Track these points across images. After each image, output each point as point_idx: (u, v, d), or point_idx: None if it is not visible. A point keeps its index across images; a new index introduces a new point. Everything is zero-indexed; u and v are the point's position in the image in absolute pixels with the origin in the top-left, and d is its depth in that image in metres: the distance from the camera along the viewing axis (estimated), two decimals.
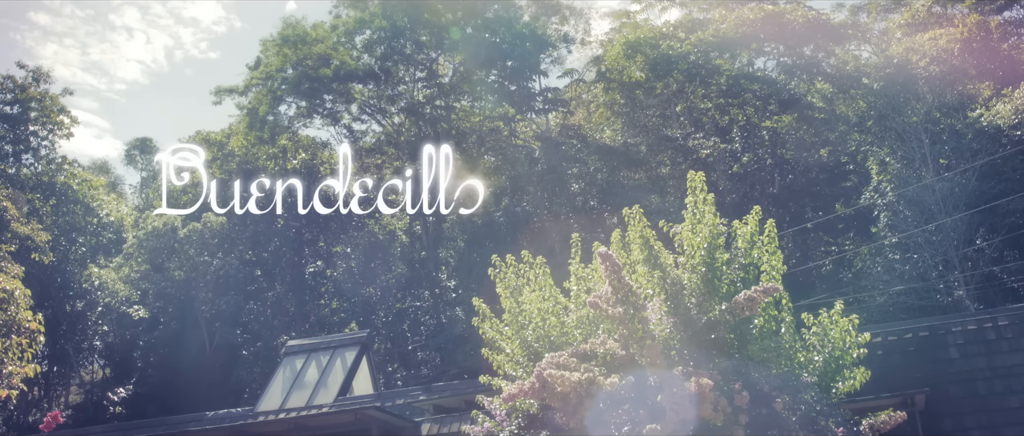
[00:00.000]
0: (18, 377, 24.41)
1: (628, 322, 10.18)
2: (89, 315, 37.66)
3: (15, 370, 24.39)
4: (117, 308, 36.93)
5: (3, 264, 27.91)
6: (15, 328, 23.82)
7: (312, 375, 18.06)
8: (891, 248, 25.93)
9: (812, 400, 10.78)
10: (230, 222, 35.10)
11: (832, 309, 11.37)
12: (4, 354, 23.75)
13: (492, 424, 11.31)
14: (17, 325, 23.84)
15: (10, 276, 25.71)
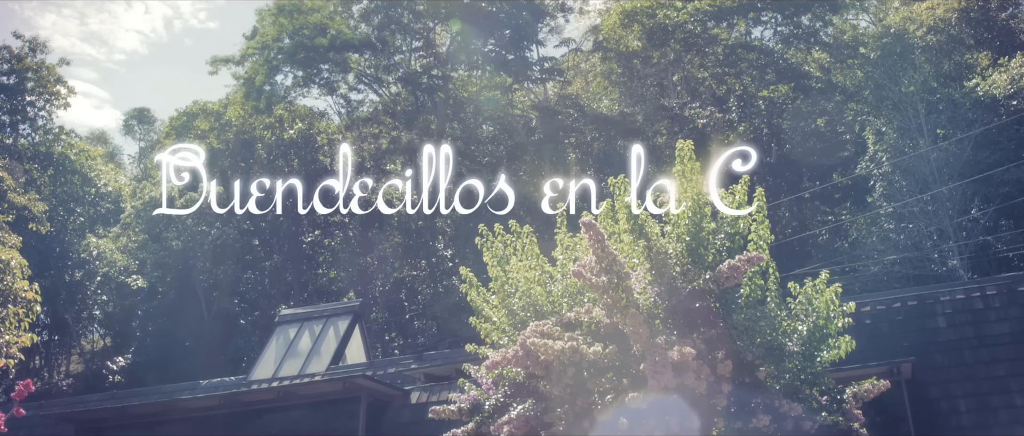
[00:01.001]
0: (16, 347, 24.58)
1: (612, 291, 10.22)
2: (88, 285, 37.78)
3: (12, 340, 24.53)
4: (116, 278, 37.06)
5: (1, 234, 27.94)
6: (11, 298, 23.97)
7: (305, 344, 18.15)
8: (886, 218, 25.96)
9: (796, 369, 10.85)
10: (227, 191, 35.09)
11: (817, 278, 11.41)
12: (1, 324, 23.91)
13: (478, 392, 11.39)
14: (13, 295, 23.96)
15: (7, 246, 25.80)
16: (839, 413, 10.78)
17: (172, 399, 14.61)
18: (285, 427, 14.47)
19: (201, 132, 37.53)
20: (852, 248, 28.24)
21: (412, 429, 13.82)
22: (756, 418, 9.86)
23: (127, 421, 15.04)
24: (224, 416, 14.60)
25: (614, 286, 10.23)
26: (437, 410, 11.18)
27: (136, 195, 37.90)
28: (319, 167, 35.72)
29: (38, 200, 32.28)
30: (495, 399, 11.07)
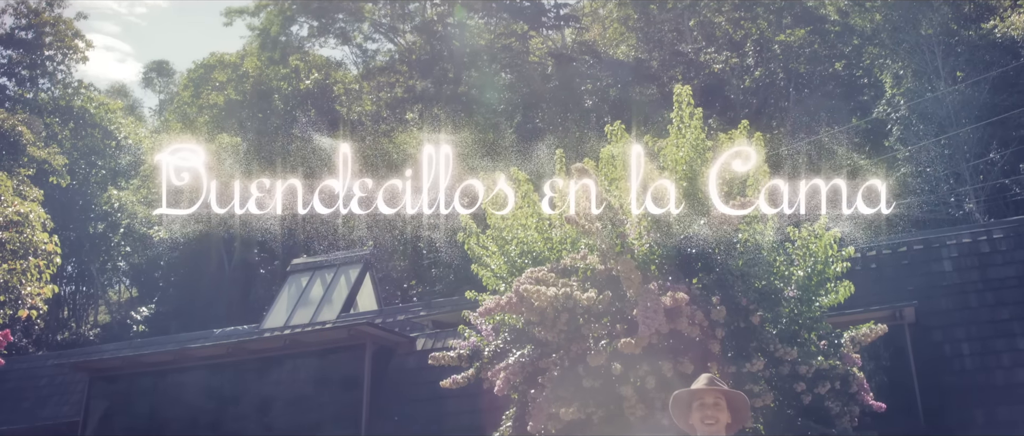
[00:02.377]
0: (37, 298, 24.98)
1: (606, 237, 10.26)
2: (112, 236, 38.20)
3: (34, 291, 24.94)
4: (138, 230, 37.44)
5: (22, 188, 28.28)
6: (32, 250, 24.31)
7: (317, 293, 18.34)
8: (903, 162, 25.74)
9: (793, 313, 10.88)
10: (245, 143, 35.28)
11: (817, 222, 11.38)
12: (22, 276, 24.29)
13: (478, 339, 11.48)
14: (34, 247, 24.31)
15: (29, 200, 26.12)
16: (836, 357, 10.79)
17: (182, 348, 14.85)
18: (293, 374, 14.68)
19: (219, 84, 37.63)
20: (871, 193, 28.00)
21: (417, 375, 13.99)
22: (751, 362, 9.90)
23: (139, 369, 15.31)
24: (233, 364, 14.83)
25: (608, 232, 10.28)
26: (436, 356, 11.30)
27: (156, 147, 38.12)
28: (336, 117, 35.76)
29: (58, 154, 32.55)
30: (494, 345, 11.16)
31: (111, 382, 15.56)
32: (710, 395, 4.68)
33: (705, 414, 4.64)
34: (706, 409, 4.66)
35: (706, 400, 4.67)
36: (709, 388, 4.71)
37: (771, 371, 10.39)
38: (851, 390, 10.90)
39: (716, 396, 4.68)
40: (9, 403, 19.19)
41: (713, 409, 4.65)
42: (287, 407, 14.47)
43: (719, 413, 4.65)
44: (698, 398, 4.69)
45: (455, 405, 13.60)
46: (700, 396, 4.68)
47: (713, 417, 4.63)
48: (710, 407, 4.66)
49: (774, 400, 10.55)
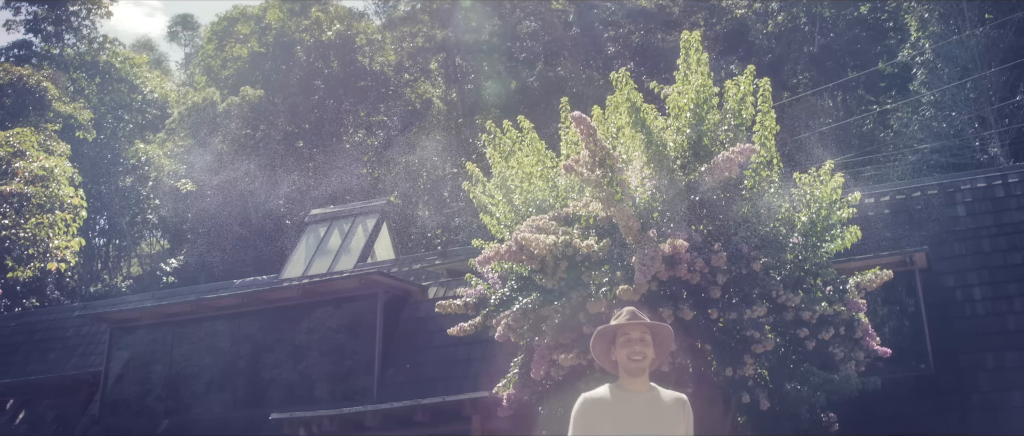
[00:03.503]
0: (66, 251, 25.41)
1: (606, 185, 10.27)
2: (140, 190, 38.65)
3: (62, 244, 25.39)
4: (166, 182, 37.84)
5: (49, 143, 28.65)
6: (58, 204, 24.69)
7: (334, 242, 18.50)
8: (927, 106, 25.42)
9: (798, 260, 10.85)
10: (268, 95, 35.42)
11: (822, 167, 11.31)
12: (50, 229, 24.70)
13: (485, 287, 11.56)
14: (60, 201, 24.70)
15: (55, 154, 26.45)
16: (841, 303, 10.77)
17: (199, 299, 15.07)
18: (307, 323, 14.86)
19: (242, 37, 37.71)
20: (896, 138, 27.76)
21: (429, 323, 14.13)
22: (751, 309, 9.92)
23: (158, 320, 15.57)
24: (249, 314, 15.04)
25: (608, 180, 10.28)
26: (443, 305, 11.40)
27: (181, 101, 38.39)
28: (358, 68, 35.77)
29: (84, 108, 32.88)
30: (500, 293, 11.24)
31: (131, 333, 15.85)
32: (636, 330, 4.38)
33: (632, 350, 4.36)
34: (633, 344, 4.38)
35: (632, 335, 4.38)
36: (635, 322, 4.40)
37: (774, 317, 10.40)
38: (856, 335, 10.90)
39: (642, 331, 4.40)
40: (37, 353, 19.62)
41: (640, 344, 4.38)
42: (302, 355, 14.69)
43: (646, 348, 4.39)
44: (623, 333, 4.39)
45: (466, 352, 13.75)
46: (625, 331, 4.39)
47: (640, 352, 4.36)
48: (637, 343, 4.38)
49: (779, 346, 10.60)
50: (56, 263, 24.76)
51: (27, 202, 22.64)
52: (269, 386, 14.76)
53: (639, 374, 4.35)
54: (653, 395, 4.39)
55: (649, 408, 4.30)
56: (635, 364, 4.33)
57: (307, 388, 14.44)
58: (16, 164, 22.62)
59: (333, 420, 11.75)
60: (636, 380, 4.36)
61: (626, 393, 4.33)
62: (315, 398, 14.00)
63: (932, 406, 12.49)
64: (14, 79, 30.06)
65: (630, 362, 4.34)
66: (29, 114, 29.72)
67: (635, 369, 4.34)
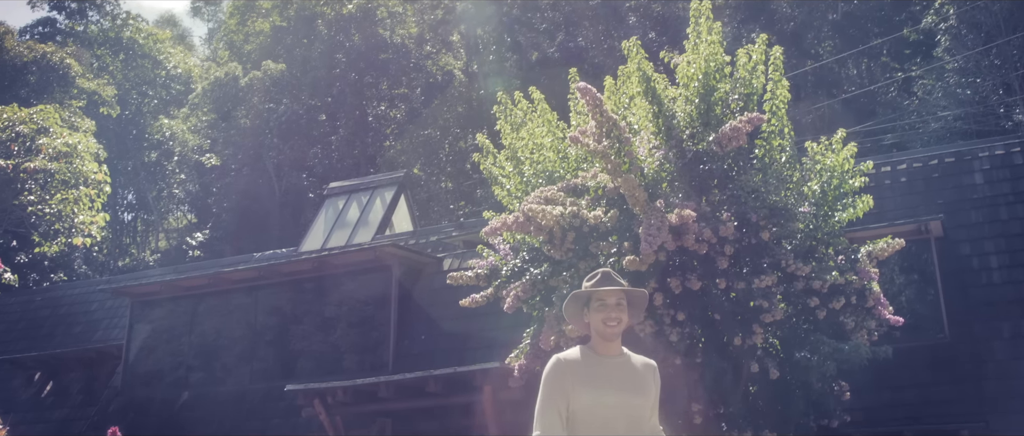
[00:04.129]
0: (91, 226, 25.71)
1: (613, 156, 10.26)
2: (166, 165, 38.99)
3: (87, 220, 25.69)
4: (191, 157, 38.13)
5: (74, 119, 28.93)
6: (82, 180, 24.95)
7: (353, 214, 18.60)
8: (951, 72, 25.11)
9: (809, 229, 10.81)
10: (290, 69, 35.52)
11: (833, 136, 11.24)
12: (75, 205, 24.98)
13: (496, 258, 11.59)
14: (84, 177, 24.97)
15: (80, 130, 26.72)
16: (853, 272, 10.71)
17: (216, 272, 15.24)
18: (323, 296, 14.99)
19: (264, 11, 37.80)
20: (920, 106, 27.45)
21: (444, 295, 14.18)
22: (759, 278, 9.90)
23: (176, 293, 15.76)
24: (266, 287, 15.19)
25: (615, 151, 10.27)
26: (454, 276, 11.45)
27: (204, 76, 38.59)
28: (379, 41, 35.76)
29: (108, 84, 33.12)
30: (512, 264, 11.27)
31: (152, 306, 16.06)
32: (612, 295, 4.26)
33: (607, 315, 4.24)
34: (608, 310, 4.25)
35: (609, 300, 4.25)
36: (613, 288, 4.27)
37: (785, 287, 10.38)
38: (867, 305, 10.83)
39: (618, 296, 4.27)
40: (63, 327, 19.92)
41: (615, 310, 4.26)
42: (318, 328, 14.83)
43: (621, 313, 4.27)
44: (599, 298, 4.27)
45: (481, 323, 13.82)
46: (601, 296, 4.27)
47: (616, 318, 4.25)
48: (613, 308, 4.26)
49: (790, 316, 10.59)
50: (82, 238, 25.11)
51: (51, 178, 22.93)
52: (286, 358, 14.93)
53: (613, 339, 4.29)
54: (625, 360, 4.32)
55: (621, 372, 4.24)
56: (610, 330, 4.25)
57: (323, 360, 14.58)
58: (40, 141, 22.88)
59: (346, 391, 11.88)
60: (609, 344, 4.29)
61: (599, 357, 4.26)
62: (331, 369, 14.13)
63: (947, 375, 12.46)
64: (38, 57, 30.34)
65: (605, 327, 4.25)
66: (54, 91, 30.00)
67: (610, 335, 4.26)
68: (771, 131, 10.85)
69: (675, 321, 10.11)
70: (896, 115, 26.99)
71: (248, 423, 14.31)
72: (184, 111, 37.33)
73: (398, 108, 37.65)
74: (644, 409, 4.24)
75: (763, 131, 10.82)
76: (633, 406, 4.19)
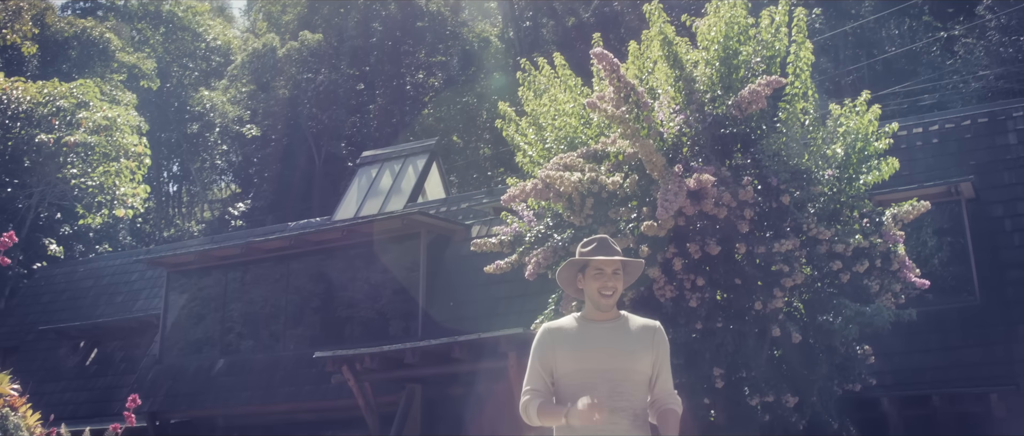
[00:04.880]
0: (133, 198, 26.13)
1: (631, 122, 10.23)
2: (208, 136, 39.43)
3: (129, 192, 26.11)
4: (231, 128, 38.53)
5: (115, 93, 29.35)
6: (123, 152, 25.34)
7: (385, 183, 18.72)
8: (993, 30, 24.58)
9: (832, 193, 10.72)
10: (327, 39, 35.68)
11: (858, 98, 11.12)
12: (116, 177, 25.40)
13: (520, 225, 11.63)
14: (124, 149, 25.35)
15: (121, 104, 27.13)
16: (877, 235, 10.62)
17: (248, 242, 15.43)
18: (353, 264, 15.14)
19: None
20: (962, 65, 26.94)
21: (472, 261, 14.24)
22: (779, 242, 9.85)
23: (210, 263, 16.00)
24: (297, 256, 15.38)
25: (633, 116, 10.24)
26: (478, 243, 11.51)
27: (243, 48, 38.89)
28: (415, 8, 35.80)
29: (148, 58, 33.50)
30: (536, 231, 11.30)
31: (187, 276, 16.34)
32: (611, 264, 4.18)
33: (603, 284, 4.15)
34: (605, 279, 4.17)
35: (606, 269, 4.18)
36: (612, 258, 4.18)
37: (808, 250, 10.32)
38: (892, 268, 10.75)
39: (616, 265, 4.19)
40: (106, 297, 20.35)
41: (612, 279, 4.18)
42: (348, 296, 15.01)
43: (618, 282, 4.20)
44: (596, 266, 4.19)
45: (508, 290, 13.90)
46: (600, 264, 4.19)
47: (612, 288, 4.17)
48: (610, 277, 4.17)
49: (814, 279, 10.54)
50: (123, 210, 25.56)
51: (92, 151, 23.35)
52: (317, 325, 15.14)
53: (608, 309, 4.21)
54: (618, 323, 4.22)
55: (610, 336, 4.15)
56: (606, 300, 4.17)
57: (354, 327, 14.77)
58: (80, 115, 23.30)
59: (373, 358, 12.03)
60: (603, 311, 4.21)
61: (589, 323, 4.19)
62: (361, 336, 14.32)
63: (977, 337, 12.33)
64: (79, 32, 30.76)
65: (600, 297, 4.17)
66: (94, 65, 30.43)
67: (606, 305, 4.18)
68: (794, 93, 10.73)
69: (695, 286, 10.09)
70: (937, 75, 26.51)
71: (281, 389, 14.57)
72: (223, 83, 37.69)
73: (435, 76, 37.71)
74: (633, 373, 4.12)
75: (786, 93, 10.72)
76: (618, 370, 4.10)
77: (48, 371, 19.39)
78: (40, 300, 21.52)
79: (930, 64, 28.61)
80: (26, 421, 5.62)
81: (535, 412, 4.07)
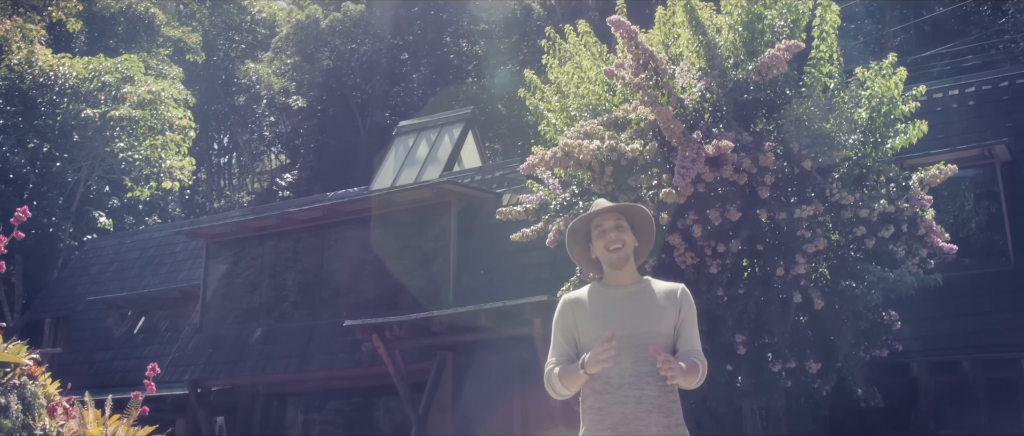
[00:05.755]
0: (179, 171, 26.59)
1: (650, 88, 10.21)
2: (255, 108, 39.90)
3: (175, 164, 26.56)
4: (277, 100, 38.93)
5: (162, 67, 29.80)
6: (168, 126, 25.76)
7: (421, 152, 18.85)
8: None
9: (857, 157, 10.61)
10: (370, 9, 35.82)
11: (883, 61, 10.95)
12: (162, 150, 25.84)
13: (545, 192, 11.68)
14: (169, 123, 25.77)
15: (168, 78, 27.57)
16: (904, 199, 10.51)
17: (283, 213, 15.66)
18: (386, 233, 15.29)
19: None
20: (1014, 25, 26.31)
21: (502, 229, 14.32)
22: (801, 208, 9.79)
23: (247, 234, 16.29)
24: (331, 225, 15.59)
25: (652, 83, 10.22)
26: (503, 211, 11.60)
27: (287, 19, 39.20)
28: None
29: (192, 32, 33.91)
30: (561, 199, 11.36)
31: (224, 247, 16.64)
32: (609, 218, 4.03)
33: (607, 239, 3.99)
34: (607, 233, 4.01)
35: (606, 224, 4.02)
36: (606, 210, 4.04)
37: (833, 216, 10.26)
38: (919, 233, 10.63)
39: (615, 218, 4.03)
40: (151, 268, 20.82)
41: (615, 231, 4.00)
42: (381, 264, 15.18)
43: (623, 234, 4.01)
44: (595, 225, 4.05)
45: (537, 257, 13.96)
46: (597, 222, 4.04)
47: (618, 240, 3.99)
48: (611, 230, 4.01)
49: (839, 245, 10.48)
50: (170, 182, 26.04)
51: (137, 125, 23.79)
52: (351, 294, 15.36)
53: (621, 265, 3.99)
54: (639, 288, 4.03)
55: (628, 301, 3.97)
56: (615, 254, 3.96)
57: (387, 295, 14.95)
58: (125, 89, 23.72)
59: (402, 326, 12.20)
60: (620, 272, 4.01)
61: (606, 288, 4.03)
62: (394, 305, 14.48)
63: (1011, 301, 12.16)
64: (124, 7, 31.22)
65: (609, 253, 3.98)
66: (140, 40, 30.89)
67: (616, 260, 3.98)
68: (820, 58, 10.63)
69: (716, 253, 10.09)
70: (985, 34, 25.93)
71: (316, 357, 14.83)
72: (268, 55, 38.06)
73: (478, 44, 37.70)
74: (658, 337, 3.93)
75: (812, 58, 10.62)
76: (641, 336, 3.92)
77: (98, 340, 19.94)
78: (89, 271, 22.08)
79: (979, 23, 27.98)
80: (46, 390, 5.78)
81: (557, 380, 3.90)
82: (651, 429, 3.85)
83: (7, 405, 5.16)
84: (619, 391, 3.85)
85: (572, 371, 3.85)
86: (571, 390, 3.93)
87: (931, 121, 10.59)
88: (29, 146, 23.29)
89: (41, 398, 5.82)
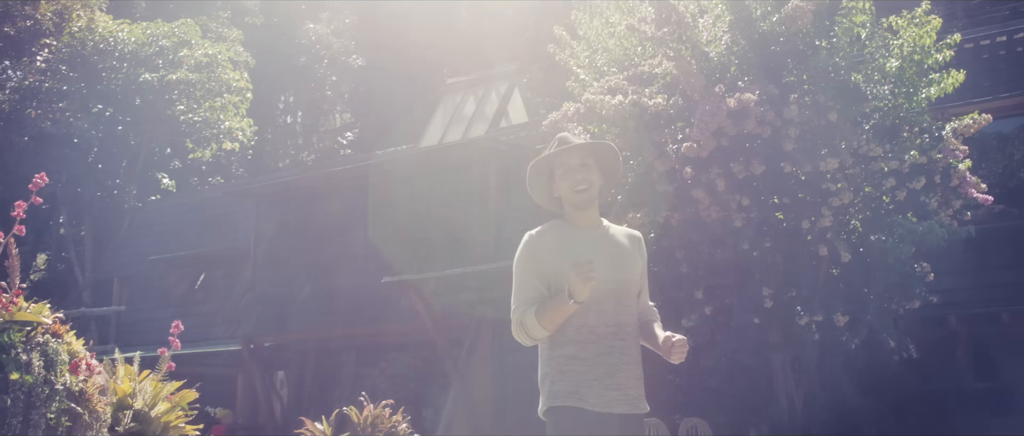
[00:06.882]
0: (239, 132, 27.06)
1: (672, 43, 10.19)
2: (316, 68, 40.27)
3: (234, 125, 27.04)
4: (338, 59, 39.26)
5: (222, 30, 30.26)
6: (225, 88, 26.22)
7: (468, 109, 18.94)
8: None
9: (888, 108, 10.45)
10: None
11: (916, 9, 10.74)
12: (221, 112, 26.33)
13: None
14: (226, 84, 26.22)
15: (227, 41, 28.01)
16: (937, 150, 10.35)
17: (327, 171, 15.98)
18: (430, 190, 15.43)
19: None
20: None
21: None
22: (825, 161, 9.71)
23: (291, 195, 16.63)
24: (374, 185, 15.82)
25: (675, 37, 10.19)
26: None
27: None
28: None
29: None
30: None
31: (273, 206, 17.01)
32: (574, 156, 3.66)
33: (574, 179, 3.64)
34: (574, 173, 3.66)
35: (571, 163, 3.66)
36: (571, 147, 3.67)
37: (862, 167, 10.17)
38: (952, 184, 10.48)
39: (582, 155, 3.67)
40: (208, 228, 21.32)
41: (581, 171, 3.65)
42: (425, 221, 15.36)
43: (590, 174, 3.66)
44: (560, 163, 3.69)
45: None
46: (563, 160, 3.68)
47: (585, 180, 3.64)
48: (578, 170, 3.66)
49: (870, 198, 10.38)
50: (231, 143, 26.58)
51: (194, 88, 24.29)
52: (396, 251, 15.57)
53: (587, 206, 3.67)
54: (605, 231, 3.74)
55: (602, 243, 3.68)
56: (581, 195, 3.63)
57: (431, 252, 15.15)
58: (181, 53, 24.20)
59: (438, 282, 12.42)
60: (584, 213, 3.69)
61: (575, 228, 3.70)
62: (436, 261, 14.68)
63: None
64: None
65: (574, 194, 3.64)
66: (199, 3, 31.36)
67: (582, 201, 3.64)
68: (852, 7, 10.47)
69: (740, 206, 10.06)
70: None
71: (362, 312, 15.15)
72: (326, 15, 38.38)
73: None
74: (631, 285, 3.67)
75: (843, 7, 10.47)
76: (621, 281, 3.63)
77: (160, 297, 20.59)
78: (152, 231, 22.74)
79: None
80: (71, 347, 6.01)
81: (533, 320, 3.49)
82: (630, 383, 3.61)
83: (29, 362, 5.39)
84: (604, 341, 3.57)
85: (557, 304, 3.45)
86: (550, 329, 3.52)
87: (975, 69, 10.36)
88: (93, 111, 23.92)
89: (63, 355, 6.10)
